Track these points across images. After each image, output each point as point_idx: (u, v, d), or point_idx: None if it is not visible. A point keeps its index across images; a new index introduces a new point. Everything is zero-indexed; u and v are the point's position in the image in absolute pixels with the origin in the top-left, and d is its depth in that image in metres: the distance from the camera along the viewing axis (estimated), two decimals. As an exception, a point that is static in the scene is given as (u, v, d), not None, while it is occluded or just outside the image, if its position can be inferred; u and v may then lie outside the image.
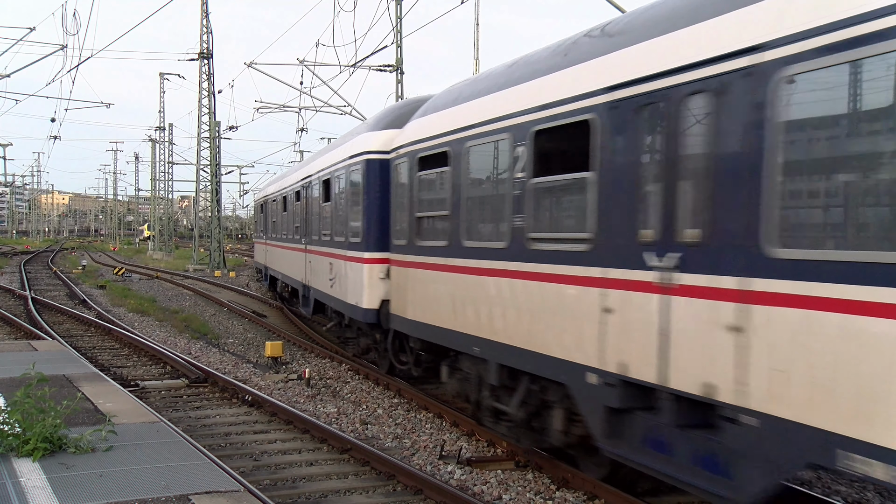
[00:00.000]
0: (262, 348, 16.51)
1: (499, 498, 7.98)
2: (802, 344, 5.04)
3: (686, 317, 6.05)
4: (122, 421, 8.17)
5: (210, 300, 27.84)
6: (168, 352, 15.67)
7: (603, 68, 7.27)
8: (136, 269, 46.31)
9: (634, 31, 7.12)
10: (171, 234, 71.63)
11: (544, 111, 8.00)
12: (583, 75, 7.54)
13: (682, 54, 6.18)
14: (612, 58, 7.24)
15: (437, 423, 10.92)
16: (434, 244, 10.43)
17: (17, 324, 19.89)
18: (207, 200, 50.12)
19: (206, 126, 46.51)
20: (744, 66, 5.50)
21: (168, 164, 68.78)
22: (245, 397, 12.00)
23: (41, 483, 6.27)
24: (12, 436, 7.09)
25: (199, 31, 43.97)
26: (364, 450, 9.06)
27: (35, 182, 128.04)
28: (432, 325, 10.51)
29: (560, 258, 7.74)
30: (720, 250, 5.76)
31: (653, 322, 6.37)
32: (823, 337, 4.91)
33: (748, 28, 5.54)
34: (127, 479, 6.37)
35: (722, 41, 5.75)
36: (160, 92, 65.26)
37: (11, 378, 10.13)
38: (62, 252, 74.93)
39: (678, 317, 6.12)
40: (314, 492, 8.09)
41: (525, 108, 8.37)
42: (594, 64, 7.45)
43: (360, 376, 14.16)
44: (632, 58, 6.91)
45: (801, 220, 5.31)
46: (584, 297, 7.25)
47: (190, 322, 21.74)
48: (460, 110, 10.06)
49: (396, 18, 31.38)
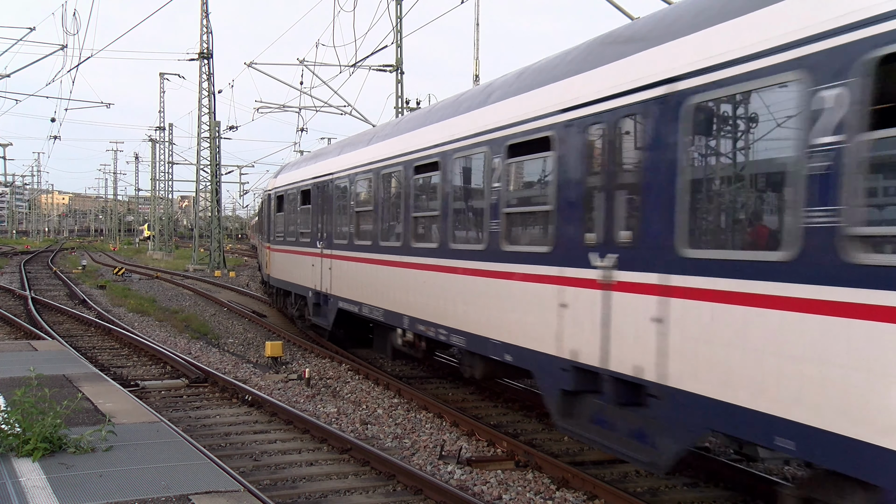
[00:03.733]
0: (262, 348, 16.50)
1: (499, 498, 7.98)
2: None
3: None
4: (122, 421, 8.17)
5: (210, 300, 27.85)
6: (168, 352, 15.67)
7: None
8: (136, 269, 46.31)
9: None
10: (171, 234, 71.65)
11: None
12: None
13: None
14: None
15: (437, 423, 10.92)
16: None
17: (17, 324, 19.89)
18: (207, 200, 50.13)
19: (206, 126, 46.52)
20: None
21: (168, 164, 68.84)
22: (245, 397, 12.01)
23: (41, 483, 6.27)
24: (12, 436, 7.10)
25: (199, 31, 43.98)
26: (364, 450, 9.06)
27: (35, 182, 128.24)
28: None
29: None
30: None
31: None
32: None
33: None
34: (127, 479, 6.37)
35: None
36: (160, 92, 65.34)
37: (11, 378, 10.13)
38: (62, 252, 74.94)
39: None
40: (314, 492, 8.09)
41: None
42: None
43: (360, 376, 14.16)
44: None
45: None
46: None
47: (190, 322, 21.75)
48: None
49: (396, 18, 31.40)
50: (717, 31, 6.19)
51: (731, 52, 5.95)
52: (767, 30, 5.67)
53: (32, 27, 25.75)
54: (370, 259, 13.32)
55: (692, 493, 8.27)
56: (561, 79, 8.19)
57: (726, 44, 6.02)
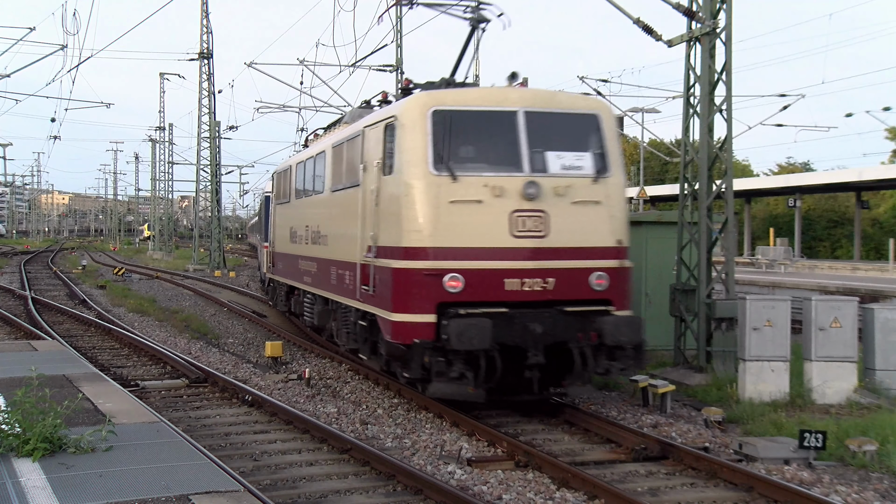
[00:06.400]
0: (262, 348, 16.50)
1: (499, 498, 7.97)
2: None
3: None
4: (122, 421, 8.17)
5: (210, 300, 27.84)
6: (168, 352, 15.67)
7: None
8: (136, 269, 46.29)
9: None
10: (171, 234, 71.59)
11: None
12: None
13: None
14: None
15: (438, 423, 10.91)
16: None
17: (17, 324, 19.88)
18: (207, 200, 50.12)
19: (206, 126, 46.49)
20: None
21: (168, 164, 68.76)
22: (245, 397, 12.00)
23: (41, 483, 6.28)
24: (12, 436, 7.10)
25: (199, 31, 43.95)
26: (364, 450, 9.06)
27: (35, 182, 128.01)
28: None
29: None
30: None
31: None
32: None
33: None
34: (127, 479, 6.37)
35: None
36: (160, 92, 65.22)
37: (11, 378, 10.13)
38: (62, 252, 74.91)
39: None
40: (314, 492, 8.09)
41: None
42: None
43: (360, 376, 14.16)
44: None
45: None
46: None
47: (190, 322, 21.74)
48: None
49: (396, 18, 31.38)
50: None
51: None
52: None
53: (32, 27, 25.73)
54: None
55: (692, 492, 8.27)
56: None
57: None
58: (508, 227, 10.03)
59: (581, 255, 10.31)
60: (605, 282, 10.37)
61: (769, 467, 8.83)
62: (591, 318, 10.27)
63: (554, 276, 10.15)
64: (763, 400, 11.58)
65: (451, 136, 10.28)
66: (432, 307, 9.94)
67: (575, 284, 10.28)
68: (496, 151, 10.43)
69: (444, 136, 10.23)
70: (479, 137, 10.57)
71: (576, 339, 10.19)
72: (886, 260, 41.39)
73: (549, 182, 10.17)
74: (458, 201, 10.06)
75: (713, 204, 13.93)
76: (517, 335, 9.96)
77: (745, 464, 8.92)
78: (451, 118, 10.33)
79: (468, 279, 9.96)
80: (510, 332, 9.93)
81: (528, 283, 10.08)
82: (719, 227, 14.06)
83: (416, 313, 10.01)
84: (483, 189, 10.06)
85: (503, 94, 10.75)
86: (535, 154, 10.30)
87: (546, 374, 10.37)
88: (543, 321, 10.04)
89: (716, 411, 10.83)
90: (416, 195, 10.12)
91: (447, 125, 10.27)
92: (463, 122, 10.43)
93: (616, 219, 10.57)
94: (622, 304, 10.56)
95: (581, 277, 10.29)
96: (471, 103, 10.62)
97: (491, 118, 10.48)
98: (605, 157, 10.65)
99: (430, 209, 10.05)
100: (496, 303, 10.02)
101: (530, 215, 10.07)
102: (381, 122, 11.25)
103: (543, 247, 10.10)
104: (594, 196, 10.42)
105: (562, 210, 10.20)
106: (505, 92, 10.81)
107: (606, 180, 10.54)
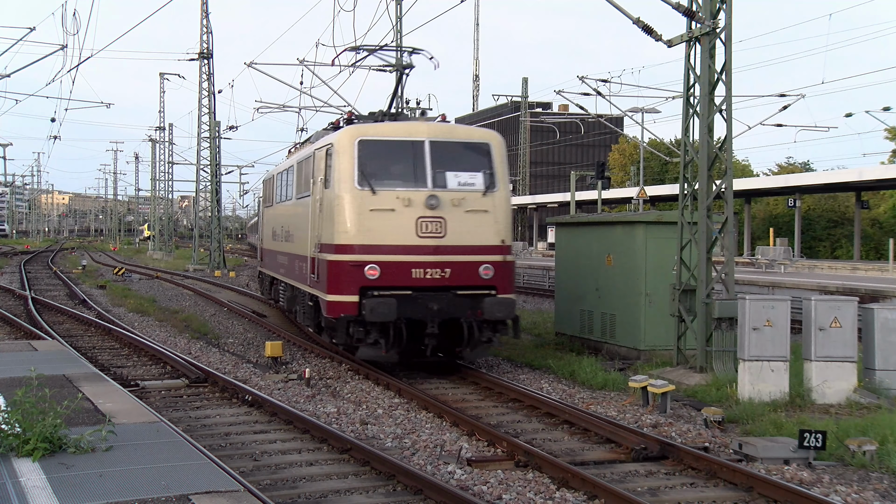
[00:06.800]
0: (262, 348, 16.49)
1: (499, 498, 7.98)
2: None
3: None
4: (122, 421, 8.18)
5: (210, 300, 27.85)
6: (168, 352, 15.67)
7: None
8: (136, 269, 46.29)
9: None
10: (171, 234, 71.61)
11: None
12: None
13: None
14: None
15: (438, 423, 10.92)
16: None
17: (17, 324, 19.89)
18: (207, 200, 50.13)
19: (206, 126, 46.51)
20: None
21: (168, 164, 68.78)
22: (245, 397, 12.00)
23: (41, 483, 6.28)
24: (12, 436, 7.10)
25: (199, 31, 43.97)
26: (364, 450, 9.06)
27: (35, 182, 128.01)
28: None
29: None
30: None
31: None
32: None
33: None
34: (127, 479, 6.37)
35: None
36: (160, 92, 65.24)
37: (11, 378, 10.13)
38: (62, 252, 74.90)
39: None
40: (314, 492, 8.09)
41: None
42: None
43: (360, 376, 14.16)
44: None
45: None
46: None
47: (190, 322, 21.74)
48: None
49: (396, 18, 31.40)
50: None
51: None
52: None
53: (32, 27, 25.65)
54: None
55: (692, 492, 8.27)
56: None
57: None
58: (415, 230, 12.97)
59: (472, 251, 13.24)
60: (491, 272, 13.30)
61: (769, 467, 8.84)
62: (478, 300, 13.12)
63: (450, 267, 13.07)
64: (763, 400, 11.58)
65: (372, 160, 13.34)
66: (356, 290, 12.93)
67: (466, 274, 13.19)
68: (407, 171, 13.37)
69: (367, 159, 13.27)
70: (394, 160, 13.59)
71: (465, 316, 13.07)
72: (886, 260, 41.40)
73: (447, 195, 13.12)
74: (377, 209, 13.05)
75: (713, 204, 13.93)
76: (418, 311, 12.89)
77: (745, 464, 8.93)
78: (373, 146, 13.42)
79: (383, 269, 12.91)
80: (413, 308, 12.87)
81: (429, 272, 13.02)
82: (719, 227, 14.06)
83: (344, 294, 13.03)
84: (396, 200, 13.01)
85: (414, 126, 13.87)
86: (437, 173, 13.22)
87: (443, 342, 13.32)
88: (440, 301, 12.95)
89: (715, 411, 10.83)
90: (345, 204, 13.17)
91: (370, 151, 13.37)
92: (382, 148, 13.55)
93: (500, 223, 13.50)
94: (504, 289, 13.44)
95: (472, 269, 13.20)
96: (389, 134, 13.67)
97: (403, 146, 13.50)
98: (494, 176, 13.58)
99: (355, 215, 13.10)
100: (405, 287, 12.95)
101: (432, 220, 13.00)
102: (324, 146, 14.28)
103: (442, 245, 13.04)
104: (483, 206, 13.35)
105: (457, 217, 13.13)
106: (415, 125, 14.00)
107: (494, 194, 13.50)
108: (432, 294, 12.96)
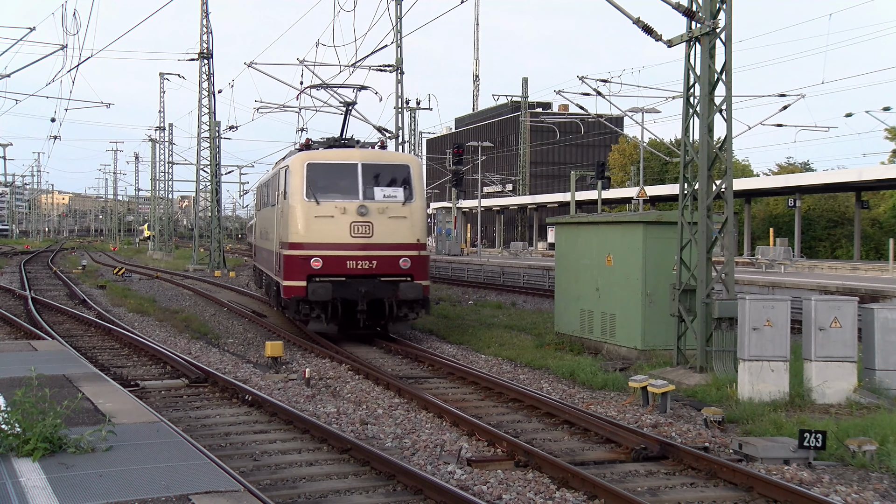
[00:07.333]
0: (262, 348, 16.50)
1: (499, 498, 7.98)
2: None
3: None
4: (122, 421, 8.17)
5: (210, 300, 27.85)
6: (168, 352, 15.67)
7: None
8: (136, 269, 46.30)
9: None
10: (171, 234, 71.62)
11: None
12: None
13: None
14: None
15: (438, 423, 10.92)
16: None
17: (17, 324, 19.89)
18: (207, 200, 50.13)
19: (206, 126, 46.51)
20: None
21: (168, 164, 68.78)
22: (245, 397, 12.00)
23: (41, 483, 6.27)
24: (12, 436, 7.09)
25: (199, 31, 43.97)
26: (364, 450, 9.06)
27: (35, 182, 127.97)
28: None
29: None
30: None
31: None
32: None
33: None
34: (127, 479, 6.37)
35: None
36: (160, 92, 65.22)
37: (11, 378, 10.12)
38: (62, 252, 74.92)
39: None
40: (314, 492, 8.09)
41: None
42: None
43: (360, 376, 14.17)
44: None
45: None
46: None
47: (190, 322, 21.74)
48: None
49: (396, 18, 31.41)
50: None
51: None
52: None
53: (32, 27, 25.66)
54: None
55: (692, 492, 8.27)
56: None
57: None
58: (349, 231, 16.99)
59: (393, 248, 17.19)
60: (409, 264, 17.24)
61: (769, 467, 8.84)
62: (397, 284, 17.00)
63: (376, 259, 17.08)
64: (763, 400, 11.58)
65: (317, 178, 17.38)
66: (304, 277, 16.97)
67: (389, 265, 17.14)
68: (343, 186, 17.33)
69: (313, 177, 17.35)
70: (334, 178, 17.49)
71: (387, 297, 16.96)
72: (886, 260, 41.38)
73: (374, 205, 17.15)
74: (320, 216, 17.09)
75: (713, 204, 13.93)
76: (350, 293, 16.87)
77: (745, 464, 8.93)
78: (319, 168, 17.57)
79: (325, 261, 16.95)
80: (346, 290, 16.86)
81: (360, 263, 17.02)
82: (719, 227, 14.06)
83: (295, 280, 17.11)
84: (335, 209, 17.06)
85: (350, 152, 18.12)
86: (367, 188, 17.30)
87: (371, 318, 17.31)
88: (367, 285, 16.91)
89: (715, 411, 10.83)
90: (296, 212, 17.31)
91: (316, 171, 17.47)
92: (325, 169, 17.60)
93: (416, 227, 17.46)
94: (419, 277, 17.38)
95: (393, 261, 17.17)
96: (331, 158, 17.95)
97: (342, 167, 17.61)
98: (412, 190, 17.56)
99: (304, 220, 17.22)
100: (341, 275, 16.96)
101: (362, 224, 17.01)
102: (284, 166, 18.62)
103: (370, 242, 17.06)
104: (403, 214, 17.34)
105: (382, 222, 17.12)
106: (351, 151, 18.29)
107: (411, 204, 17.45)
108: (362, 280, 16.89)
